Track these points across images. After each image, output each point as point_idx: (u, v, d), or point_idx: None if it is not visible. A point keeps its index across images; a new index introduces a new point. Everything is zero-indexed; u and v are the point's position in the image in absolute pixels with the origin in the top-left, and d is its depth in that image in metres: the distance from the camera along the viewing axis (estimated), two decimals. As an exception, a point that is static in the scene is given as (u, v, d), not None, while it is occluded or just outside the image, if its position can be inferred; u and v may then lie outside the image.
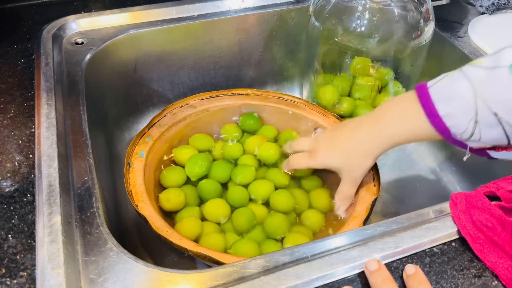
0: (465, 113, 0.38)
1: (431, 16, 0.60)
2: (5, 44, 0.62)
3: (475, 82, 0.37)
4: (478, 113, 0.37)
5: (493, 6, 0.72)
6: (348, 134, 0.49)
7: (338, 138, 0.50)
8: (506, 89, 0.36)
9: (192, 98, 0.63)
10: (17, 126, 0.49)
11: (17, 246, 0.37)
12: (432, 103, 0.40)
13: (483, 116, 0.37)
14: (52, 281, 0.34)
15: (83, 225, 0.40)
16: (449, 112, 0.39)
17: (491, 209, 0.38)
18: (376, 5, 0.57)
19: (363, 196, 0.51)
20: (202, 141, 0.62)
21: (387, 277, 0.35)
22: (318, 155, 0.51)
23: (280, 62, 0.78)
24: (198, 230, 0.50)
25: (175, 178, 0.56)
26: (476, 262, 0.37)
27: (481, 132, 0.38)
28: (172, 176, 0.56)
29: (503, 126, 0.37)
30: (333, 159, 0.50)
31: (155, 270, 0.36)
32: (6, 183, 0.43)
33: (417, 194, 0.67)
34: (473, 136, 0.39)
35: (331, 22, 0.60)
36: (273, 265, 0.36)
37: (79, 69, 0.58)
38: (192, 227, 0.50)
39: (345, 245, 0.38)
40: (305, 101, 0.64)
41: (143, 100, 0.73)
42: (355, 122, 0.49)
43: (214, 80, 0.75)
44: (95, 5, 0.69)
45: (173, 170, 0.57)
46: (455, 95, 0.39)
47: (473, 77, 0.38)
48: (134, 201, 0.48)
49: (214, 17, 0.68)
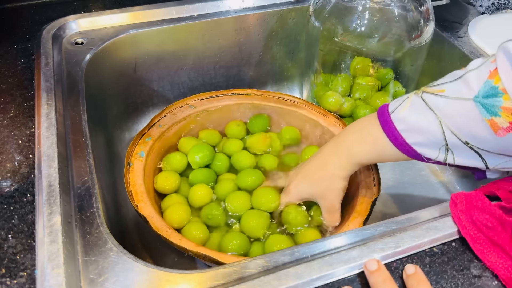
0: (434, 142, 0.38)
1: (431, 16, 0.60)
2: (5, 44, 0.62)
3: (440, 113, 0.37)
4: (447, 142, 0.37)
5: (493, 6, 0.72)
6: (314, 162, 0.49)
7: (306, 169, 0.50)
8: (473, 121, 0.35)
9: (192, 98, 0.63)
10: (17, 126, 0.49)
11: (17, 246, 0.37)
12: (397, 132, 0.40)
13: (454, 145, 0.37)
14: (52, 281, 0.34)
15: (83, 225, 0.40)
16: (417, 141, 0.39)
17: (491, 209, 0.38)
18: (376, 5, 0.57)
19: (363, 196, 0.51)
20: (210, 136, 0.62)
21: (387, 277, 0.35)
22: (290, 190, 0.51)
23: (280, 62, 0.78)
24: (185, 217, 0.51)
25: (176, 162, 0.57)
26: (476, 262, 0.37)
27: (455, 157, 0.38)
28: (174, 160, 0.57)
29: (476, 151, 0.37)
30: (304, 189, 0.50)
31: (155, 270, 0.36)
32: (6, 183, 0.42)
33: (417, 194, 0.67)
34: (448, 160, 0.39)
35: (331, 22, 0.60)
36: (273, 265, 0.36)
37: (79, 69, 0.58)
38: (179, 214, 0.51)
39: (345, 245, 0.38)
40: (305, 101, 0.64)
41: (143, 100, 0.73)
42: (320, 150, 0.49)
43: (214, 80, 0.75)
44: (95, 5, 0.69)
45: (175, 155, 0.58)
46: (421, 126, 0.38)
47: (437, 109, 0.37)
48: (134, 201, 0.48)
49: (214, 17, 0.68)
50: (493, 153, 0.37)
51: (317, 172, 0.48)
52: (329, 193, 0.48)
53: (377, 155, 0.43)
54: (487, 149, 0.37)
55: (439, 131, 0.37)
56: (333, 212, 0.49)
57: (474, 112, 0.35)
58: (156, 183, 0.54)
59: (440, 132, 0.37)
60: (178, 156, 0.58)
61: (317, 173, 0.48)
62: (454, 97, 0.36)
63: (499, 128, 0.34)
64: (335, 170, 0.46)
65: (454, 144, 0.37)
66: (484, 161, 0.38)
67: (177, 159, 0.58)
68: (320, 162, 0.48)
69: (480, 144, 0.36)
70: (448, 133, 0.37)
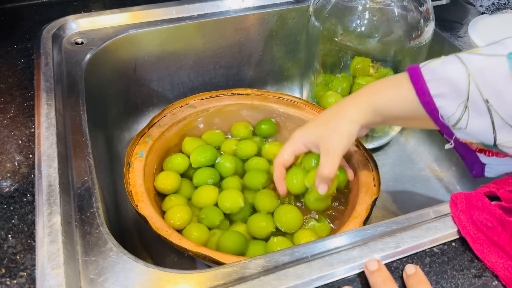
0: (456, 95, 0.38)
1: (431, 16, 0.60)
2: (5, 44, 0.62)
3: (471, 67, 0.37)
4: (469, 98, 0.37)
5: (493, 6, 0.72)
6: (328, 109, 0.47)
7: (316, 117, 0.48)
8: (502, 77, 0.36)
9: (192, 98, 0.63)
10: (17, 126, 0.49)
11: (17, 246, 0.37)
12: (424, 81, 0.40)
13: (474, 102, 0.37)
14: (52, 281, 0.34)
15: (83, 225, 0.40)
16: (440, 92, 0.39)
17: (491, 209, 0.38)
18: (376, 5, 0.57)
19: (363, 196, 0.51)
20: (213, 138, 0.63)
21: (387, 277, 0.35)
22: (294, 134, 0.48)
23: (280, 62, 0.78)
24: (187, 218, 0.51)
25: (177, 164, 0.58)
26: (476, 262, 0.37)
27: (469, 120, 0.38)
28: (175, 162, 0.58)
29: (492, 116, 0.37)
30: (308, 132, 0.47)
31: (155, 270, 0.36)
32: (6, 183, 0.42)
33: (417, 194, 0.67)
34: (460, 122, 0.39)
35: (331, 22, 0.60)
36: (273, 265, 0.36)
37: (79, 69, 0.58)
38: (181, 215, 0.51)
39: (345, 245, 0.38)
40: (305, 101, 0.64)
41: (143, 100, 0.73)
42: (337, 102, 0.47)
43: (214, 80, 0.75)
44: (95, 5, 0.69)
45: (176, 157, 0.58)
46: (448, 77, 0.38)
47: (469, 63, 0.38)
48: (134, 201, 0.48)
49: (214, 17, 0.68)
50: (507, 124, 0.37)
51: (328, 115, 0.46)
52: (334, 136, 0.44)
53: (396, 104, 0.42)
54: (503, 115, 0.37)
55: (465, 83, 0.37)
56: (331, 157, 0.45)
57: (504, 67, 0.35)
58: (156, 182, 0.54)
59: (466, 84, 0.37)
60: (179, 158, 0.58)
61: (328, 116, 0.46)
62: (488, 54, 0.37)
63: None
64: (349, 112, 0.44)
65: (474, 102, 0.37)
66: (495, 133, 0.38)
67: (178, 161, 0.58)
68: (334, 108, 0.46)
69: (499, 105, 0.36)
70: (473, 87, 0.37)
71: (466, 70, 0.37)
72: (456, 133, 0.40)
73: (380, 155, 0.72)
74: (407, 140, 0.76)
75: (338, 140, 0.44)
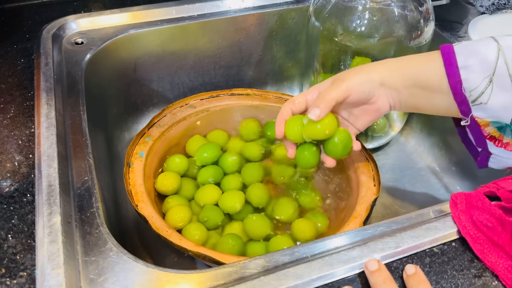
0: (483, 68, 0.39)
1: (431, 16, 0.60)
2: (5, 44, 0.62)
3: (503, 43, 0.39)
4: (495, 72, 0.38)
5: (493, 6, 0.72)
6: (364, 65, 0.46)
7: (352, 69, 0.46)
8: None
9: (192, 98, 0.63)
10: (17, 126, 0.49)
11: (17, 246, 0.37)
12: (454, 53, 0.40)
13: (499, 76, 0.38)
14: (52, 281, 0.34)
15: (83, 225, 0.40)
16: (467, 65, 0.40)
17: (491, 209, 0.38)
18: (376, 5, 0.57)
19: (363, 196, 0.51)
20: (218, 137, 0.63)
21: (387, 277, 0.35)
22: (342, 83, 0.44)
23: (280, 62, 0.78)
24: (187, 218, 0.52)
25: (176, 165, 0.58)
26: (476, 262, 0.37)
27: (491, 94, 0.39)
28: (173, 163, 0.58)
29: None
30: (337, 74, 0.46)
31: (155, 270, 0.36)
32: (6, 183, 0.42)
33: (417, 194, 0.67)
34: (482, 97, 0.39)
35: (331, 22, 0.60)
36: (273, 265, 0.36)
37: (79, 69, 0.58)
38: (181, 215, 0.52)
39: (345, 245, 0.38)
40: (305, 101, 0.63)
41: (143, 100, 0.73)
42: None
43: (214, 80, 0.75)
44: (95, 5, 0.69)
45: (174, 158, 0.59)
46: (479, 51, 0.39)
47: (502, 40, 0.39)
48: (134, 201, 0.48)
49: (214, 17, 0.68)
50: None
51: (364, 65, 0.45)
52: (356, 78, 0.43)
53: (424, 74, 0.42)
54: None
55: (494, 57, 0.38)
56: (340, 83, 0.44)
57: None
58: (157, 184, 0.54)
59: (495, 57, 0.38)
60: (178, 159, 0.58)
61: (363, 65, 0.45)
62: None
63: None
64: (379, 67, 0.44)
65: (500, 76, 0.38)
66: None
67: (176, 162, 0.58)
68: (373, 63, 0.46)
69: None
70: (501, 61, 0.38)
71: (497, 45, 0.39)
72: (474, 110, 0.41)
73: (380, 155, 0.72)
74: (407, 140, 0.76)
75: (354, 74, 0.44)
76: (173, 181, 0.55)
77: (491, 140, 0.42)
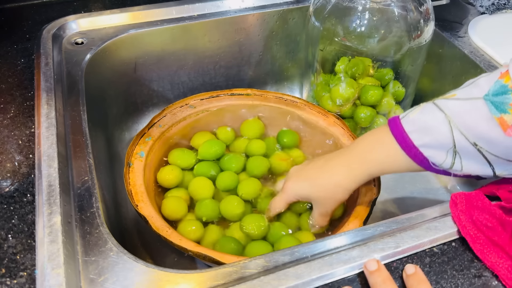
0: (442, 144, 0.38)
1: (431, 16, 0.60)
2: (5, 44, 0.62)
3: (449, 113, 0.37)
4: (456, 144, 0.37)
5: (493, 6, 0.72)
6: (321, 164, 0.47)
7: (309, 168, 0.49)
8: (483, 119, 0.35)
9: (192, 98, 0.63)
10: (17, 126, 0.49)
11: (17, 246, 0.37)
12: (406, 134, 0.39)
13: (463, 147, 0.37)
14: (52, 281, 0.34)
15: (83, 225, 0.40)
16: (425, 143, 0.38)
17: (491, 209, 0.38)
18: (376, 5, 0.57)
19: (363, 196, 0.51)
20: (224, 135, 0.63)
21: (387, 277, 0.35)
22: (287, 186, 0.49)
23: (280, 62, 0.78)
24: (183, 212, 0.52)
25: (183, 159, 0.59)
26: (476, 262, 0.37)
27: (462, 163, 0.38)
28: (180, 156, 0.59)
29: (484, 155, 0.37)
30: (303, 188, 0.48)
31: (155, 270, 0.36)
32: (6, 183, 0.42)
33: (417, 194, 0.67)
34: (454, 166, 0.39)
35: (331, 22, 0.60)
36: (273, 265, 0.36)
37: (79, 69, 0.58)
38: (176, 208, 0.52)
39: (345, 245, 0.38)
40: (305, 101, 0.64)
41: (143, 100, 0.73)
42: (329, 155, 0.48)
43: (214, 80, 0.75)
44: (95, 5, 0.69)
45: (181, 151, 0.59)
46: (429, 126, 0.38)
47: (447, 109, 0.37)
48: (134, 201, 0.48)
49: (214, 17, 0.68)
50: (501, 159, 0.36)
51: (322, 177, 0.46)
52: (328, 202, 0.47)
53: (389, 165, 0.42)
54: (495, 154, 0.36)
55: (447, 131, 0.37)
56: (325, 216, 0.49)
57: (483, 110, 0.35)
58: (159, 176, 0.56)
59: (449, 131, 0.37)
60: (181, 152, 0.59)
61: (322, 179, 0.46)
62: (464, 98, 0.36)
63: (509, 127, 0.34)
64: (342, 181, 0.45)
65: (462, 146, 0.37)
66: (492, 167, 0.37)
67: (181, 155, 0.59)
68: (327, 168, 0.46)
69: (489, 147, 0.36)
70: (456, 133, 0.36)
71: (445, 117, 0.37)
72: (454, 173, 0.40)
73: (380, 155, 0.72)
74: (407, 140, 0.75)
75: (331, 205, 0.47)
76: (175, 175, 0.56)
77: None
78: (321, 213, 0.49)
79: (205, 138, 0.61)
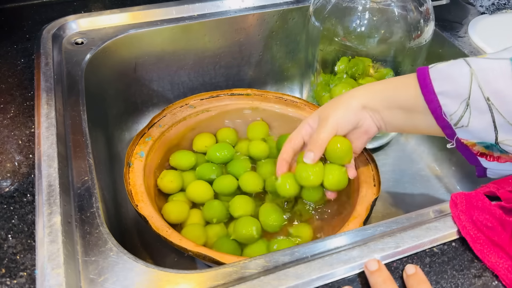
0: (458, 93, 0.39)
1: (431, 16, 0.60)
2: (5, 44, 0.62)
3: (475, 67, 0.39)
4: (471, 96, 0.39)
5: (493, 6, 0.72)
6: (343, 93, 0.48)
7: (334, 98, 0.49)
8: (503, 77, 0.37)
9: (192, 98, 0.63)
10: (17, 126, 0.49)
11: (17, 246, 0.37)
12: (430, 80, 0.41)
13: (475, 100, 0.39)
14: (52, 281, 0.34)
15: (83, 225, 0.40)
16: (443, 90, 0.40)
17: (491, 209, 0.38)
18: (376, 5, 0.57)
19: (363, 196, 0.51)
20: (228, 136, 0.63)
21: (387, 277, 0.35)
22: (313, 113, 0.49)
23: (280, 62, 0.78)
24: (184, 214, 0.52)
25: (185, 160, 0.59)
26: (476, 262, 0.37)
27: (470, 117, 0.39)
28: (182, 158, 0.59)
29: (493, 114, 0.38)
30: (317, 110, 0.49)
31: (155, 270, 0.36)
32: (6, 183, 0.42)
33: (417, 194, 0.67)
34: (462, 120, 0.40)
35: (331, 22, 0.60)
36: (273, 265, 0.36)
37: (79, 69, 0.58)
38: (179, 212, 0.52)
39: (345, 245, 0.38)
40: (305, 101, 0.64)
41: (143, 100, 0.73)
42: None
43: (214, 80, 0.75)
44: (95, 5, 0.69)
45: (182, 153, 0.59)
46: (453, 76, 0.40)
47: (473, 64, 0.39)
48: (134, 201, 0.48)
49: (214, 17, 0.68)
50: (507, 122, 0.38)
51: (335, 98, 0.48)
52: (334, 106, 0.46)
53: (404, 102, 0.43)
54: (504, 114, 0.38)
55: (467, 82, 0.39)
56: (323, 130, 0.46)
57: (506, 68, 0.37)
58: (160, 183, 0.55)
59: (468, 83, 0.39)
60: (184, 154, 0.59)
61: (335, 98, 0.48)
62: (493, 57, 0.39)
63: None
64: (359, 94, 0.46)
65: (475, 99, 0.38)
66: (496, 131, 0.39)
67: (183, 158, 0.59)
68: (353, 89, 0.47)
69: (500, 104, 0.38)
70: (474, 85, 0.38)
71: (469, 69, 0.39)
72: (458, 132, 0.41)
73: (380, 155, 0.72)
74: (407, 140, 0.76)
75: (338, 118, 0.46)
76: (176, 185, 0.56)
77: (482, 157, 0.42)
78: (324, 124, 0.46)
79: (207, 140, 0.61)
